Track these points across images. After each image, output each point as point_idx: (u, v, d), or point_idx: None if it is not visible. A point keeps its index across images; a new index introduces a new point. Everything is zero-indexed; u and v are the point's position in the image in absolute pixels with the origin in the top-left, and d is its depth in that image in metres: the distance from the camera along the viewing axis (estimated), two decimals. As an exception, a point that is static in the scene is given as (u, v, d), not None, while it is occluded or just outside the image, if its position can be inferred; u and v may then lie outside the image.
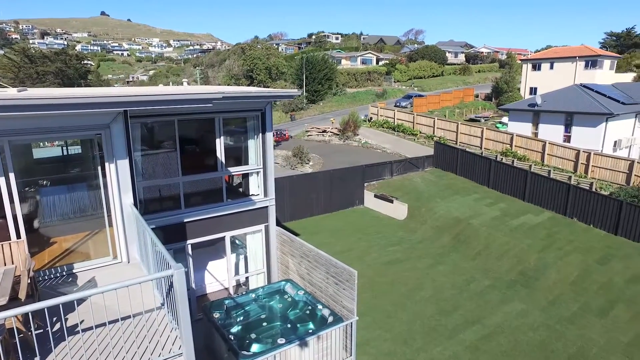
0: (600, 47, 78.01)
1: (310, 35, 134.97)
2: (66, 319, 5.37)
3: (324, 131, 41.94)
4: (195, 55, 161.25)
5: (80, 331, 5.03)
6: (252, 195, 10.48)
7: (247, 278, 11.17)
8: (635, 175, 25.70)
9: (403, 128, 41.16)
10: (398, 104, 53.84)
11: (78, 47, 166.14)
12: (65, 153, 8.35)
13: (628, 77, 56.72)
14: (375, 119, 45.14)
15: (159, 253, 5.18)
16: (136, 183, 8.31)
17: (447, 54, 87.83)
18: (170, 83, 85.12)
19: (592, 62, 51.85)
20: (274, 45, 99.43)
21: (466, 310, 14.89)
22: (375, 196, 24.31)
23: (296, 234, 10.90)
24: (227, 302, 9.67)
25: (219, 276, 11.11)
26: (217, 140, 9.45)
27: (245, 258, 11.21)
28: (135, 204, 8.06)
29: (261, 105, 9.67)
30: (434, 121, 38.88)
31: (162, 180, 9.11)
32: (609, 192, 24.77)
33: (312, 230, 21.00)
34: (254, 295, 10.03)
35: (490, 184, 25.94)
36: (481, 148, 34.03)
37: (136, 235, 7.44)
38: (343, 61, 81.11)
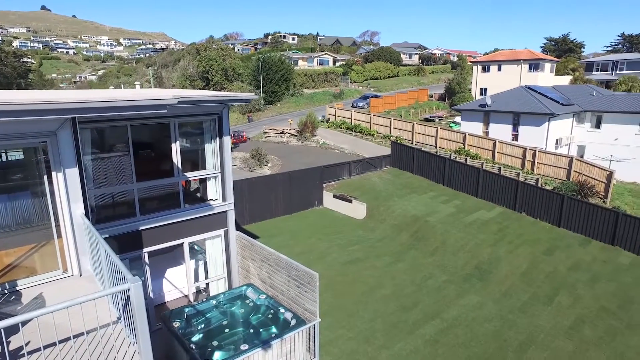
0: (542, 51, 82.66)
1: (266, 36, 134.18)
2: (8, 342, 4.95)
3: (282, 132, 41.81)
4: (147, 55, 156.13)
5: (26, 354, 4.65)
6: (210, 200, 10.29)
7: (207, 284, 10.96)
8: (574, 170, 27.44)
9: (360, 128, 41.76)
10: (355, 104, 54.53)
11: (16, 44, 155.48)
12: (4, 159, 7.85)
13: (566, 79, 60.49)
14: (333, 120, 45.52)
15: (114, 264, 4.98)
16: (87, 191, 7.97)
17: (401, 55, 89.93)
18: (122, 84, 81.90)
19: (535, 65, 54.83)
20: (230, 45, 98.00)
21: (425, 306, 15.34)
22: (335, 196, 24.53)
23: (256, 237, 10.83)
24: (187, 310, 9.44)
25: (178, 283, 10.84)
26: (173, 145, 9.21)
27: (205, 264, 10.99)
28: (86, 213, 7.72)
29: (218, 109, 9.52)
30: (391, 121, 39.72)
31: (115, 188, 8.76)
32: (552, 187, 26.28)
33: (272, 233, 20.89)
34: (214, 302, 9.85)
35: (446, 181, 26.84)
36: (436, 147, 35.11)
37: (88, 246, 7.12)
38: (300, 62, 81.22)
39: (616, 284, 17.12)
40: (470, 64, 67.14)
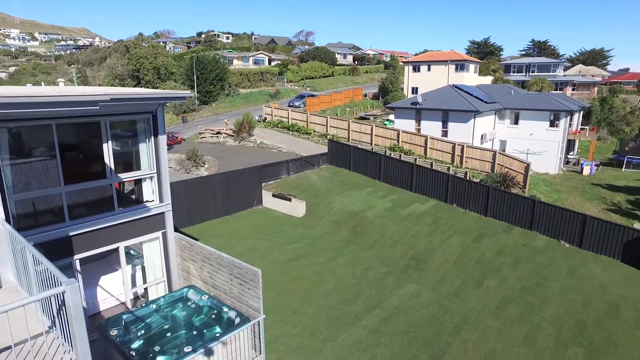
0: (466, 53, 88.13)
1: (199, 34, 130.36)
2: None
3: (218, 133, 40.99)
4: (69, 52, 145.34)
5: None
6: (146, 201, 9.94)
7: (146, 289, 10.57)
8: (498, 163, 29.62)
9: (297, 127, 42.02)
10: (291, 103, 54.72)
11: None
12: None
13: (488, 79, 65.02)
14: (270, 119, 45.38)
15: (44, 271, 4.71)
16: (7, 195, 7.41)
17: (336, 55, 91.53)
18: (42, 82, 75.54)
19: (460, 65, 58.32)
20: (161, 43, 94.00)
21: (367, 297, 15.85)
22: (274, 195, 24.53)
23: (196, 240, 10.61)
24: (125, 317, 9.06)
25: (114, 291, 10.35)
26: (105, 145, 8.78)
27: (143, 268, 10.59)
28: (7, 220, 7.19)
29: (152, 108, 9.22)
30: (327, 120, 40.36)
31: (40, 192, 8.18)
32: (479, 179, 28.19)
33: (211, 234, 20.48)
34: (154, 306, 9.54)
35: (382, 177, 27.82)
36: (372, 144, 36.23)
37: (10, 254, 6.63)
38: (235, 61, 79.92)
39: (533, 264, 18.81)
40: (402, 64, 69.97)
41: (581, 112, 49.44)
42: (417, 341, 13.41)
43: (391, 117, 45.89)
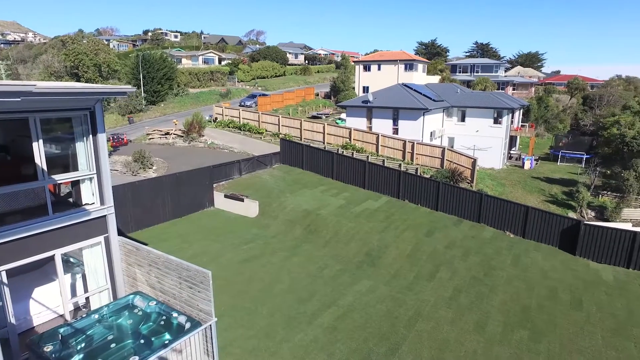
0: (415, 54, 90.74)
1: (145, 32, 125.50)
2: None
3: (167, 133, 39.55)
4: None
5: None
6: (85, 204, 9.29)
7: (87, 299, 9.89)
8: (446, 159, 30.60)
9: (249, 127, 41.40)
10: (243, 103, 53.92)
11: None
12: None
13: (435, 79, 67.24)
14: (221, 119, 44.41)
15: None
16: None
17: (288, 55, 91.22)
18: (-35, 82, 69.58)
19: (409, 65, 59.86)
20: (104, 40, 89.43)
21: (322, 295, 15.77)
22: (226, 196, 23.96)
23: (144, 244, 10.06)
24: (62, 330, 8.41)
25: (51, 303, 9.59)
26: (35, 145, 8.09)
27: (84, 276, 9.91)
28: None
29: (89, 104, 8.61)
30: (279, 119, 40.05)
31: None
32: (429, 175, 28.98)
33: (161, 238, 19.65)
34: (97, 316, 8.94)
35: (335, 175, 27.92)
36: (324, 143, 36.32)
37: None
38: (184, 60, 77.64)
39: (482, 255, 19.56)
40: (353, 63, 70.84)
41: (521, 110, 52.24)
42: (373, 336, 13.50)
43: (343, 115, 46.28)
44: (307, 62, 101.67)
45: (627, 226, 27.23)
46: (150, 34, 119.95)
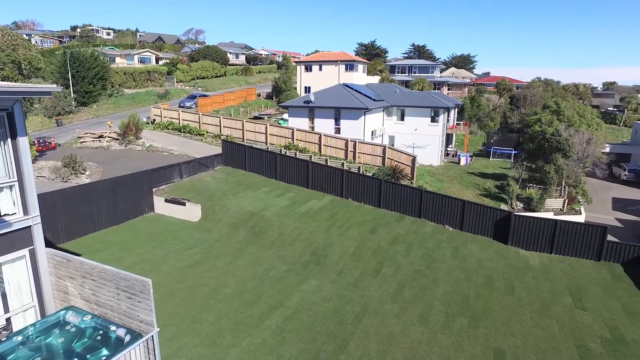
0: (355, 54, 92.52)
1: (74, 28, 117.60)
2: None
3: (101, 136, 37.40)
4: None
5: None
6: (5, 215, 8.53)
7: (8, 319, 9.06)
8: (388, 157, 31.48)
9: (189, 129, 40.20)
10: (182, 104, 52.29)
11: None
12: None
13: (375, 79, 68.96)
14: (159, 121, 42.73)
15: None
16: None
17: (228, 55, 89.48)
18: None
19: (350, 65, 60.89)
20: (24, 35, 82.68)
21: (269, 298, 15.63)
22: (166, 200, 23.07)
23: (77, 255, 9.42)
24: (-22, 356, 7.65)
25: (-34, 324, 8.70)
26: (-58, 151, 7.31)
27: (4, 295, 9.08)
28: None
29: (6, 104, 7.91)
30: (220, 120, 39.24)
31: None
32: (371, 173, 29.66)
33: (96, 248, 18.54)
34: (21, 338, 8.22)
35: (278, 176, 27.79)
36: (267, 144, 36.05)
37: None
38: (118, 59, 73.64)
39: (424, 249, 20.34)
40: (294, 64, 70.90)
41: (456, 109, 54.91)
42: (321, 335, 13.58)
43: (285, 116, 46.18)
44: (248, 62, 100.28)
45: (549, 215, 29.52)
46: (79, 30, 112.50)
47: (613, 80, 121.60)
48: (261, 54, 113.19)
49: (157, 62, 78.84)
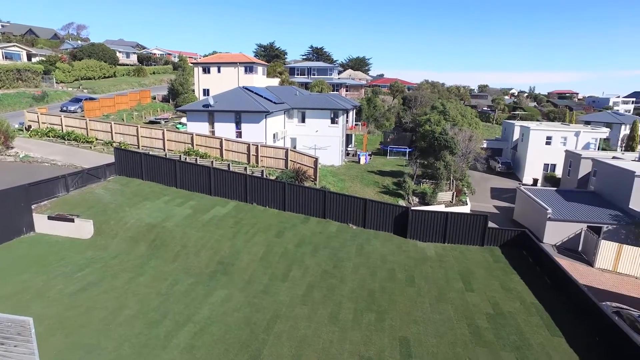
0: (254, 56, 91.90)
1: None
2: None
3: (-39, 147, 32.18)
4: None
5: None
6: None
7: None
8: (290, 160, 31.78)
9: (75, 136, 36.48)
10: (65, 108, 47.35)
11: None
12: None
13: (275, 81, 69.26)
14: (37, 128, 38.09)
15: None
16: None
17: (118, 54, 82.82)
18: None
19: (249, 67, 60.30)
20: None
21: (175, 314, 14.82)
22: (50, 218, 20.65)
23: None
24: None
25: None
26: None
27: None
28: None
29: None
30: (111, 126, 36.28)
31: None
32: (275, 176, 29.70)
33: (-39, 279, 15.91)
34: None
35: (178, 184, 26.50)
36: (165, 150, 34.19)
37: None
38: (-25, 55, 64.01)
39: (330, 249, 20.90)
40: (191, 65, 68.12)
41: (354, 110, 57.39)
42: (233, 346, 13.24)
43: (184, 120, 44.23)
44: (140, 62, 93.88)
45: (442, 207, 32.35)
46: None
47: (486, 83, 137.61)
48: (155, 54, 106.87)
49: (29, 59, 70.17)
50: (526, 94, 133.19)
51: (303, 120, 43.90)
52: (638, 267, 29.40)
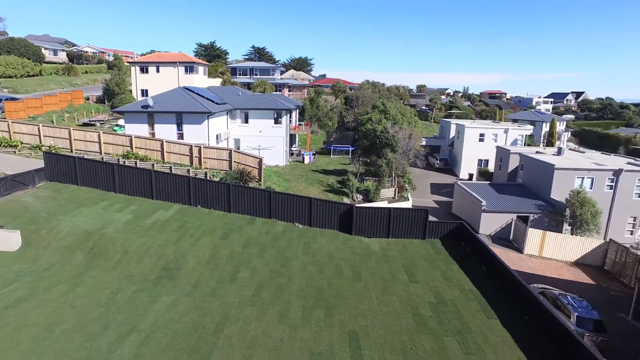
0: (195, 56, 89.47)
1: None
2: None
3: None
4: None
5: None
6: None
7: None
8: (234, 161, 31.45)
9: (-4, 140, 33.67)
10: (-18, 110, 43.38)
11: None
12: None
13: (217, 81, 67.90)
14: (-49, 131, 34.70)
15: None
16: None
17: (44, 51, 77.12)
18: None
19: (190, 67, 58.67)
20: None
21: (118, 324, 14.23)
22: (-28, 230, 18.99)
23: None
24: None
25: None
26: None
27: None
28: None
29: None
30: (39, 128, 33.87)
31: None
32: (219, 178, 29.25)
33: None
34: None
35: (117, 188, 25.35)
36: (101, 153, 32.51)
37: None
38: None
39: (277, 249, 20.97)
40: (127, 64, 65.07)
41: (297, 110, 57.66)
42: (182, 353, 12.96)
43: (121, 122, 42.25)
44: (70, 60, 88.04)
45: (385, 204, 33.41)
46: None
47: (424, 83, 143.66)
48: (87, 52, 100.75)
49: (-62, 57, 63.64)
50: (461, 94, 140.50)
51: (246, 121, 43.48)
52: (558, 251, 32.18)
